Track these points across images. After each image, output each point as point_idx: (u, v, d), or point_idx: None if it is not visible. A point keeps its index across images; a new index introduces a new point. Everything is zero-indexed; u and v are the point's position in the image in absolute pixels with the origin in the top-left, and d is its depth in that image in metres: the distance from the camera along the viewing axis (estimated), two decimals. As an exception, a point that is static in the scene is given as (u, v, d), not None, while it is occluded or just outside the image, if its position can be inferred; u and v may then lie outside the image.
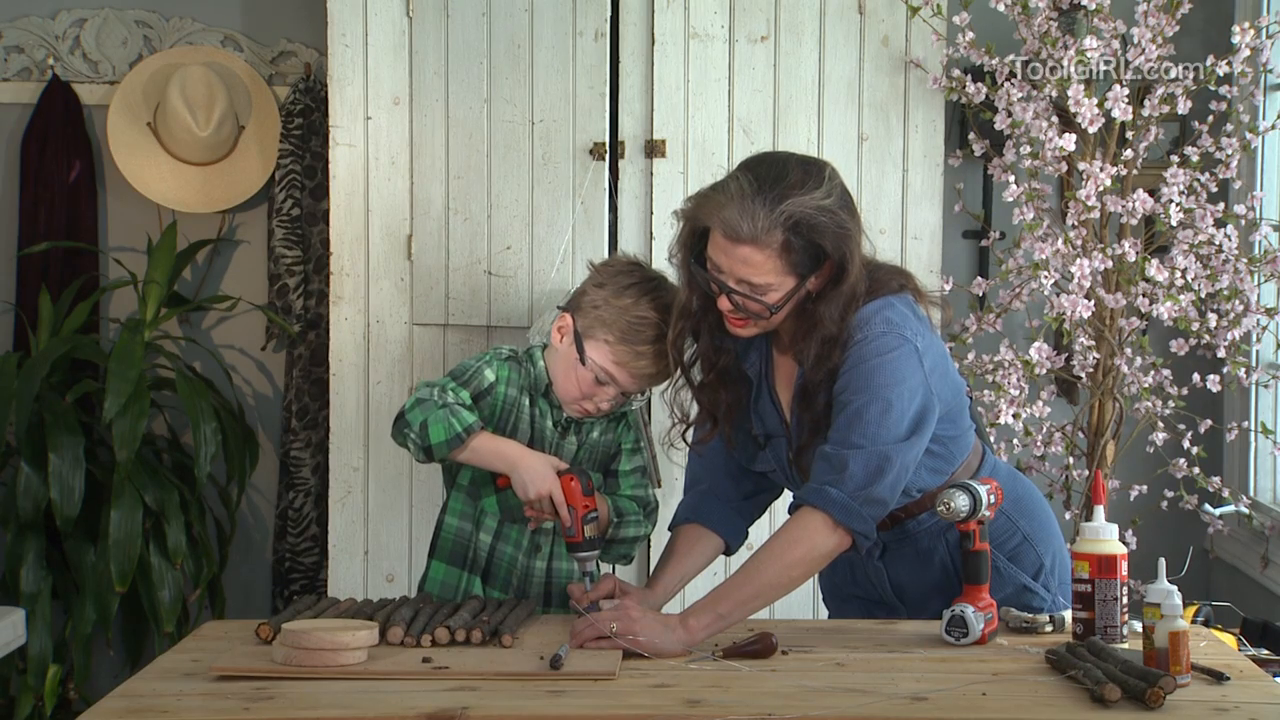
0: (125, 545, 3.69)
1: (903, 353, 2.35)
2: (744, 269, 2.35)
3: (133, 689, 2.11)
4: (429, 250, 3.68)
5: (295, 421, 4.06)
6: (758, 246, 2.32)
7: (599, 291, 2.60)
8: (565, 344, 2.61)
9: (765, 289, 2.36)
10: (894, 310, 2.39)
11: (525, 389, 2.65)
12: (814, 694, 2.05)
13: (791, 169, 2.35)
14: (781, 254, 2.33)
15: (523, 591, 2.69)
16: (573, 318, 2.61)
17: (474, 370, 2.63)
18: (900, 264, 3.59)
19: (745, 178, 2.35)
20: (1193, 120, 3.70)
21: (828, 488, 2.31)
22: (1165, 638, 2.08)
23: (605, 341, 2.57)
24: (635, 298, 2.57)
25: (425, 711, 1.97)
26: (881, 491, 2.32)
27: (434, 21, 3.66)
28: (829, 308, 2.37)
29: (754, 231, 2.31)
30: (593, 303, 2.60)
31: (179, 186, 4.12)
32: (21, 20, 4.16)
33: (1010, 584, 2.53)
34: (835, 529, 2.32)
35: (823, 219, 2.32)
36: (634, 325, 2.56)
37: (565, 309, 2.65)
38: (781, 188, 2.32)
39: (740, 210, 2.32)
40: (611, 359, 2.57)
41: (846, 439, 2.32)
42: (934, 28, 3.63)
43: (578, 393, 2.61)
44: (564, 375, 2.62)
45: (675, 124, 3.66)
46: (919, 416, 2.35)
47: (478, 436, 2.53)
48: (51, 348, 3.83)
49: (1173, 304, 3.47)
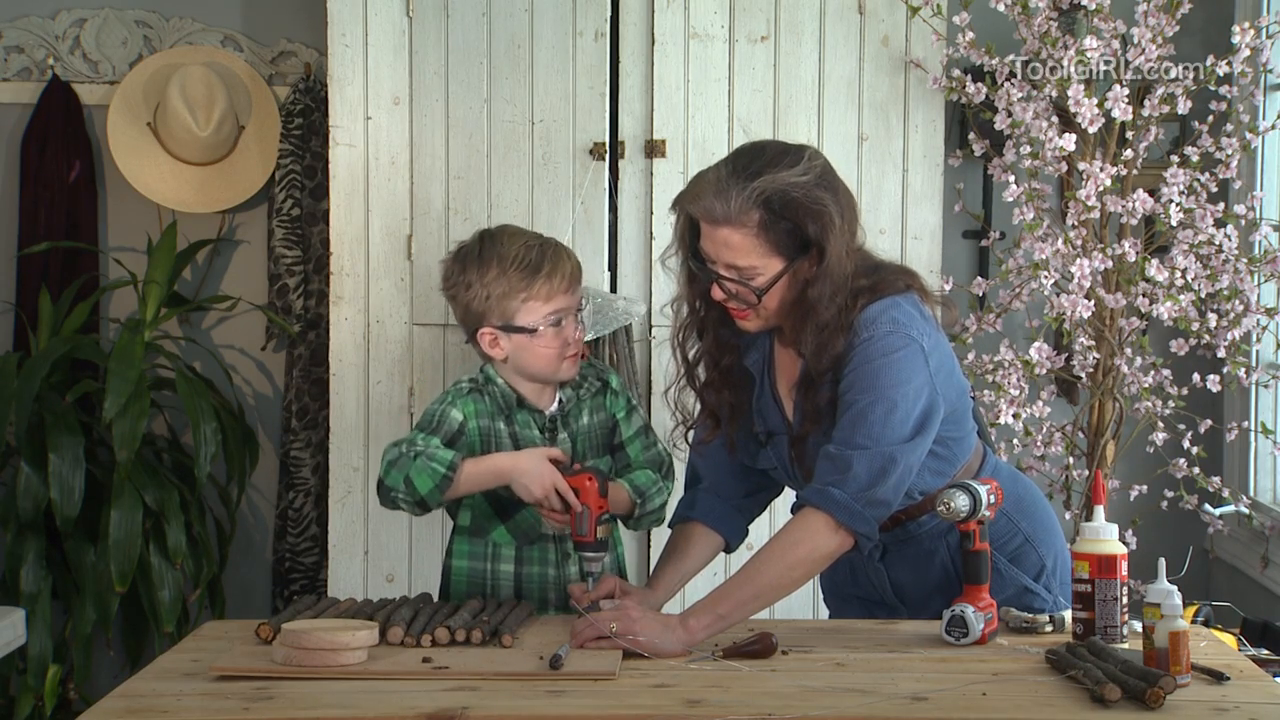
0: (125, 545, 3.69)
1: (908, 353, 2.34)
2: (728, 252, 2.36)
3: (133, 689, 2.11)
4: (429, 250, 3.68)
5: (295, 421, 4.06)
6: (735, 227, 2.34)
7: (469, 292, 2.58)
8: (510, 342, 2.58)
9: (751, 272, 2.36)
10: (900, 310, 2.38)
11: (495, 413, 2.62)
12: (814, 694, 2.05)
13: (768, 150, 2.38)
14: (760, 233, 2.34)
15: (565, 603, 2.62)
16: (488, 326, 2.58)
17: (439, 415, 2.60)
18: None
19: (724, 163, 2.38)
20: (1193, 120, 3.70)
21: (831, 488, 2.31)
22: (1165, 638, 2.08)
23: (521, 301, 2.55)
24: (481, 262, 2.56)
25: (425, 711, 1.97)
26: (885, 493, 2.32)
27: (434, 21, 3.66)
28: (818, 289, 2.35)
29: (728, 211, 2.33)
30: (480, 301, 2.57)
31: (179, 186, 4.12)
32: (21, 20, 4.16)
33: (1012, 585, 2.53)
34: (837, 530, 2.31)
35: (796, 194, 2.32)
36: (518, 268, 2.54)
37: (475, 330, 2.61)
38: (756, 166, 2.34)
39: (716, 192, 2.34)
40: (540, 301, 2.55)
41: (851, 439, 2.32)
42: (934, 28, 3.63)
43: (555, 354, 2.58)
44: (533, 357, 2.59)
45: (675, 124, 3.66)
46: (923, 417, 2.35)
47: (462, 468, 2.51)
48: (51, 348, 3.83)
49: (1173, 304, 3.47)
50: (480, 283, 2.57)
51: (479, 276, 2.57)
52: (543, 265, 2.56)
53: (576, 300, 2.62)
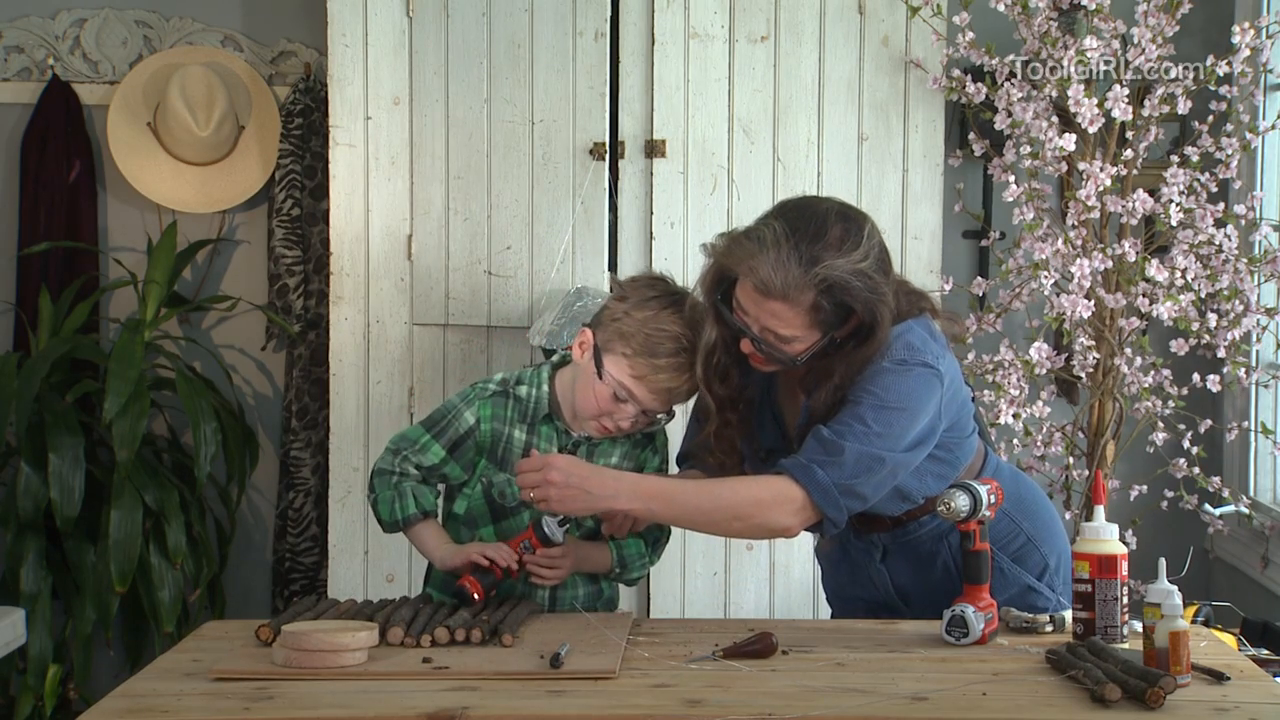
0: (125, 545, 3.69)
1: (921, 376, 2.35)
2: (772, 320, 2.32)
3: (133, 689, 2.11)
4: (429, 250, 3.68)
5: (295, 421, 4.06)
6: (788, 303, 2.29)
7: (620, 305, 2.53)
8: (585, 359, 2.55)
9: (790, 340, 2.33)
10: (914, 334, 2.38)
11: (515, 420, 2.60)
12: (814, 694, 2.04)
13: (830, 225, 2.29)
14: (811, 312, 2.30)
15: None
16: (593, 333, 2.55)
17: (451, 414, 2.59)
18: (900, 264, 3.63)
19: (781, 228, 2.29)
20: (1193, 120, 3.70)
21: (816, 467, 2.30)
22: (1165, 638, 2.08)
23: (623, 355, 2.49)
24: (656, 310, 2.50)
25: (425, 711, 1.97)
26: (866, 488, 2.31)
27: (434, 21, 3.66)
28: (847, 366, 2.34)
29: (785, 289, 2.27)
30: (613, 316, 2.53)
31: (179, 186, 4.12)
32: (21, 20, 4.16)
33: (1015, 585, 2.53)
34: (801, 510, 2.30)
35: (857, 283, 2.28)
36: (653, 338, 2.48)
37: (588, 324, 2.59)
38: (818, 247, 2.27)
39: (774, 266, 2.27)
40: (630, 372, 2.49)
41: (846, 431, 2.31)
42: (934, 28, 3.63)
43: (595, 409, 2.53)
44: (582, 391, 2.54)
45: (675, 124, 3.66)
46: (922, 436, 2.36)
47: (417, 528, 2.56)
48: (51, 348, 3.83)
49: (1173, 304, 3.47)
50: (632, 312, 2.51)
51: (637, 309, 2.51)
52: (660, 360, 2.48)
53: (653, 410, 2.55)
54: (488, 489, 2.60)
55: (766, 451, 2.54)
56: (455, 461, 2.59)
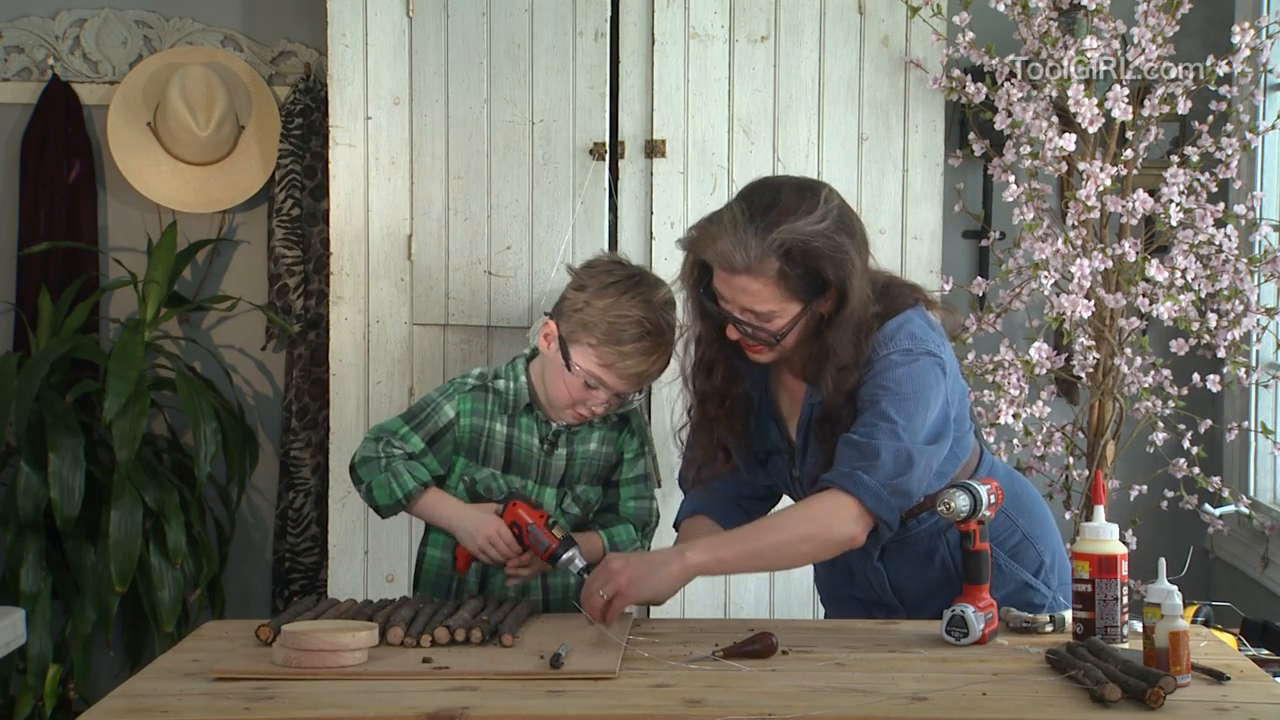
0: (125, 545, 3.69)
1: (927, 364, 2.36)
2: (745, 298, 2.35)
3: (133, 689, 2.11)
4: (429, 250, 3.68)
5: (295, 421, 4.06)
6: (753, 276, 2.32)
7: (579, 294, 2.55)
8: (552, 350, 2.57)
9: (769, 316, 2.35)
10: (914, 325, 2.40)
11: (494, 413, 2.62)
12: (814, 694, 2.05)
13: (784, 194, 2.34)
14: (779, 281, 2.33)
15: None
16: (556, 324, 2.57)
17: (431, 408, 2.61)
18: (900, 264, 3.64)
19: (738, 206, 2.35)
20: (1193, 120, 3.70)
21: (860, 473, 2.30)
22: (1165, 638, 2.08)
23: (589, 345, 2.52)
24: (615, 296, 2.52)
25: (425, 711, 1.97)
26: (909, 484, 2.32)
27: (434, 21, 3.66)
28: (839, 335, 2.36)
29: (747, 261, 2.31)
30: (574, 306, 2.55)
31: (179, 186, 4.12)
32: (21, 20, 4.16)
33: (1012, 581, 2.54)
34: (860, 517, 2.31)
35: (817, 244, 2.31)
36: (616, 325, 2.50)
37: (550, 315, 2.61)
38: (773, 214, 2.31)
39: (733, 241, 2.31)
40: (597, 361, 2.52)
41: (874, 432, 2.32)
42: (934, 28, 3.63)
43: (568, 398, 2.57)
44: (554, 381, 2.58)
45: (675, 124, 3.66)
46: (940, 425, 2.37)
47: (420, 499, 2.56)
48: (51, 348, 3.83)
49: (1173, 304, 3.47)
50: (592, 301, 2.53)
51: (597, 297, 2.53)
52: (626, 346, 2.51)
53: (626, 393, 2.58)
54: (471, 486, 2.62)
55: (766, 455, 2.54)
56: (434, 455, 2.61)
